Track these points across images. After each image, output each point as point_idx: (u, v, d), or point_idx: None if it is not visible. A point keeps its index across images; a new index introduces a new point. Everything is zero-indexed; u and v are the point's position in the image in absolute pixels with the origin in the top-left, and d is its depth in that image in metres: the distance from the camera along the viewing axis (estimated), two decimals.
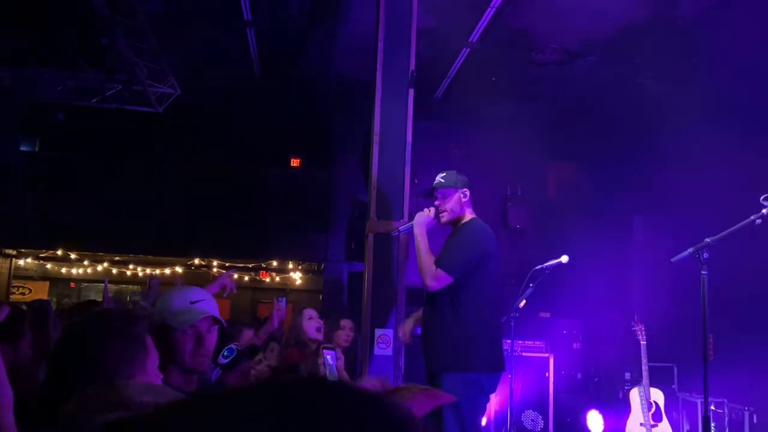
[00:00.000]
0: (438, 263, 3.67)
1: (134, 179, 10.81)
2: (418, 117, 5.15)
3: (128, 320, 1.70)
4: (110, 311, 1.76)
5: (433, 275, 3.64)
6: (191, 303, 2.18)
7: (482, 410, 3.77)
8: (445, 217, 3.88)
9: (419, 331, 4.35)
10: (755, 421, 6.59)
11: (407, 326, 4.17)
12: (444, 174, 3.91)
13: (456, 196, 3.84)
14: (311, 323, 4.75)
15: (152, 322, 2.05)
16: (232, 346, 2.88)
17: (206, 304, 2.21)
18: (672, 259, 3.06)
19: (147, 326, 1.74)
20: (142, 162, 11.01)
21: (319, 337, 4.76)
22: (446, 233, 3.99)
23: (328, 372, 3.10)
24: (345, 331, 5.10)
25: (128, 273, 13.58)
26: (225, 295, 3.31)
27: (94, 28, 6.99)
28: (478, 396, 3.58)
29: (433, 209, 3.89)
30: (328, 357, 3.14)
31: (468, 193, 3.86)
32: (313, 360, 3.51)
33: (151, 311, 2.17)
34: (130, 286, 14.18)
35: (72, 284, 14.06)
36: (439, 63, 8.11)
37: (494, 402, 6.29)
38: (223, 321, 2.23)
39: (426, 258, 3.71)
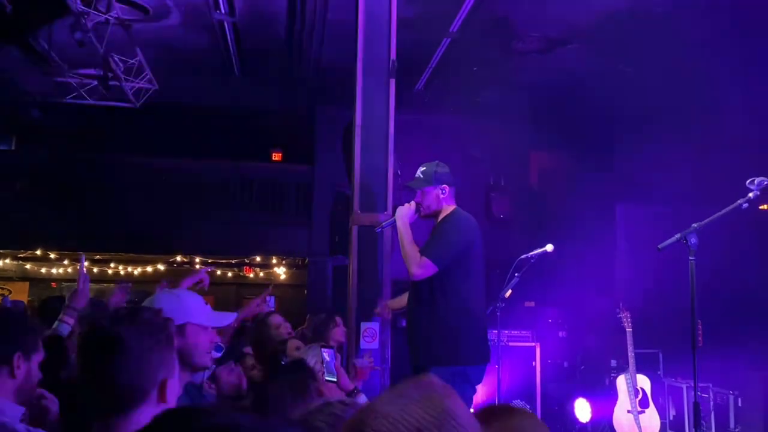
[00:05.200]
0: (423, 252, 3.65)
1: (113, 176, 10.66)
2: (399, 108, 5.10)
3: (162, 320, 1.66)
4: (142, 310, 1.69)
5: (418, 263, 3.61)
6: (205, 304, 2.20)
7: (469, 402, 3.74)
8: (422, 212, 3.86)
9: (404, 323, 4.31)
10: (740, 404, 6.64)
11: (390, 304, 4.32)
12: (423, 169, 3.85)
13: (434, 193, 3.80)
14: (283, 329, 4.57)
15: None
16: (218, 344, 2.87)
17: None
18: (659, 246, 3.03)
19: (174, 326, 1.70)
20: (121, 158, 10.86)
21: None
22: (428, 228, 3.95)
23: (326, 371, 3.06)
24: (341, 327, 4.96)
25: (110, 272, 13.43)
26: (198, 287, 3.33)
27: (68, 23, 6.84)
28: (464, 388, 3.55)
29: (414, 203, 3.86)
30: (326, 355, 3.11)
31: (447, 189, 3.80)
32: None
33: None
34: (113, 285, 14.02)
35: (53, 284, 13.88)
36: (420, 54, 8.06)
37: (482, 392, 6.27)
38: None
39: (410, 247, 3.69)
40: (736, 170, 3.56)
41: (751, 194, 2.96)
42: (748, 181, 2.97)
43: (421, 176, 3.84)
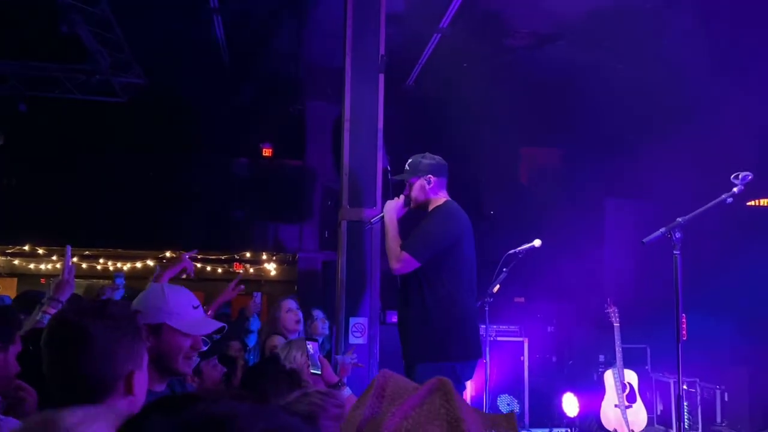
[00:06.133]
0: (403, 246, 3.60)
1: (102, 171, 10.60)
2: (389, 104, 5.09)
3: (130, 313, 1.66)
4: (109, 304, 1.68)
5: (397, 257, 3.57)
6: (194, 308, 2.11)
7: None
8: (411, 204, 3.83)
9: (394, 318, 4.29)
10: (726, 399, 6.69)
11: None
12: (410, 160, 3.82)
13: (418, 184, 3.75)
14: (290, 315, 4.68)
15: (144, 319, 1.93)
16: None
17: (201, 309, 2.15)
18: (644, 240, 3.05)
19: (143, 320, 1.70)
20: (110, 153, 10.79)
21: (298, 328, 4.71)
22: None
23: (311, 364, 3.07)
24: (317, 321, 5.09)
25: (99, 267, 13.36)
26: (183, 276, 3.24)
27: (54, 16, 6.79)
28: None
29: (402, 196, 3.83)
30: (310, 347, 3.11)
31: (432, 179, 3.74)
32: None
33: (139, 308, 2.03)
34: (101, 281, 13.95)
35: (42, 280, 13.79)
36: (410, 50, 8.05)
37: (470, 387, 6.30)
38: (226, 327, 2.18)
39: (392, 242, 3.65)
40: (725, 165, 3.58)
41: (735, 188, 2.98)
42: (732, 176, 2.99)
43: (408, 167, 3.81)
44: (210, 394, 0.76)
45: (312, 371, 3.02)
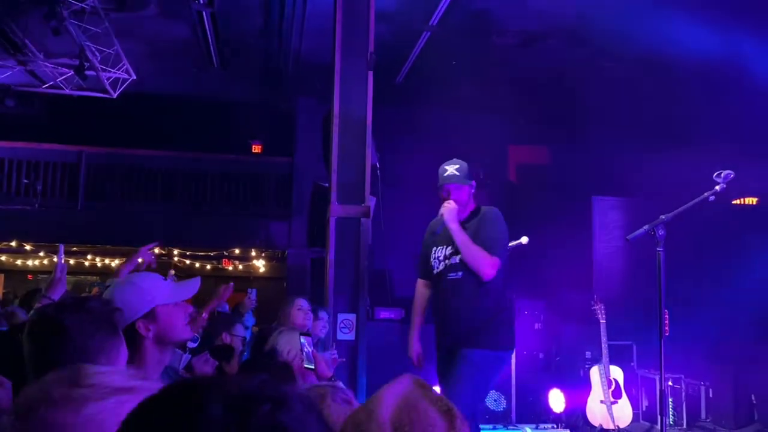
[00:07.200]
0: (493, 252, 3.72)
1: (90, 167, 10.56)
2: (379, 102, 5.11)
3: (108, 309, 1.69)
4: (89, 300, 1.72)
5: (491, 264, 3.68)
6: (165, 279, 2.17)
7: (493, 385, 3.96)
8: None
9: (386, 315, 4.31)
10: (711, 395, 6.77)
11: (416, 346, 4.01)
12: (458, 166, 3.94)
13: (467, 190, 3.93)
14: (300, 313, 4.66)
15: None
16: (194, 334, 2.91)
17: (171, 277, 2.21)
18: (628, 237, 3.10)
19: (121, 317, 1.72)
20: (97, 150, 10.75)
21: (307, 325, 4.70)
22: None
23: (304, 358, 3.10)
24: (321, 322, 5.01)
25: (86, 263, 13.30)
26: (143, 269, 3.20)
27: (43, 10, 6.76)
28: (497, 374, 3.86)
29: (452, 201, 3.87)
30: (305, 342, 3.14)
31: (475, 184, 3.99)
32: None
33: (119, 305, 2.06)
34: (89, 277, 13.90)
35: (29, 276, 13.73)
36: (399, 47, 8.07)
37: None
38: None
39: (475, 248, 3.72)
40: (712, 164, 3.63)
41: (717, 187, 3.03)
42: (714, 174, 3.04)
43: (457, 173, 3.92)
44: (232, 377, 0.75)
45: (305, 366, 3.04)
